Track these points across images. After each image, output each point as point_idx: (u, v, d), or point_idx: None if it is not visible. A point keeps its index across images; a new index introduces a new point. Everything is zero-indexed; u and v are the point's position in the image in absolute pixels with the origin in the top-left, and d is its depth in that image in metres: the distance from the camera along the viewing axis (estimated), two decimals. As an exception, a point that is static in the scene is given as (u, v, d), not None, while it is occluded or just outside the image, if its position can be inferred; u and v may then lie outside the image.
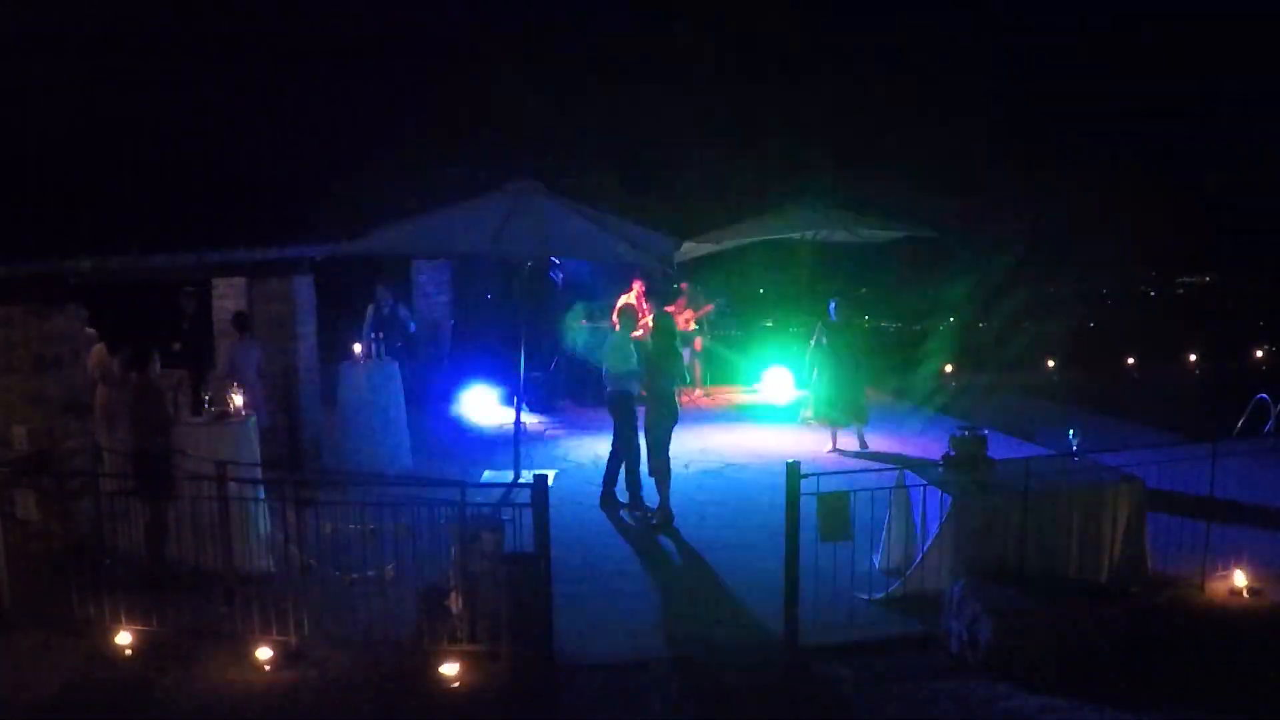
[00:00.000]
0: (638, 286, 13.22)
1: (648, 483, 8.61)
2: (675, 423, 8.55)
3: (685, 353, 14.19)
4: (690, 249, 12.54)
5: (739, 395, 14.59)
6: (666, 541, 7.99)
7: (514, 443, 9.53)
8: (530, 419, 11.71)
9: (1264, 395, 9.69)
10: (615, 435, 8.79)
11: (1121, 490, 6.71)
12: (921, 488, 6.80)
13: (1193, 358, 18.75)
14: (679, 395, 9.02)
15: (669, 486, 8.43)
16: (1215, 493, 6.71)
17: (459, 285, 15.50)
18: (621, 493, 8.81)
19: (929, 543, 6.60)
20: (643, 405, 8.71)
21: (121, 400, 7.85)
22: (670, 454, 8.47)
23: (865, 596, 6.47)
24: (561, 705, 5.39)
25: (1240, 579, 6.61)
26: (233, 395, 7.86)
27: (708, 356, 14.60)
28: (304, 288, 10.34)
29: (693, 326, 13.96)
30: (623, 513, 8.66)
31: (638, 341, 9.22)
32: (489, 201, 9.04)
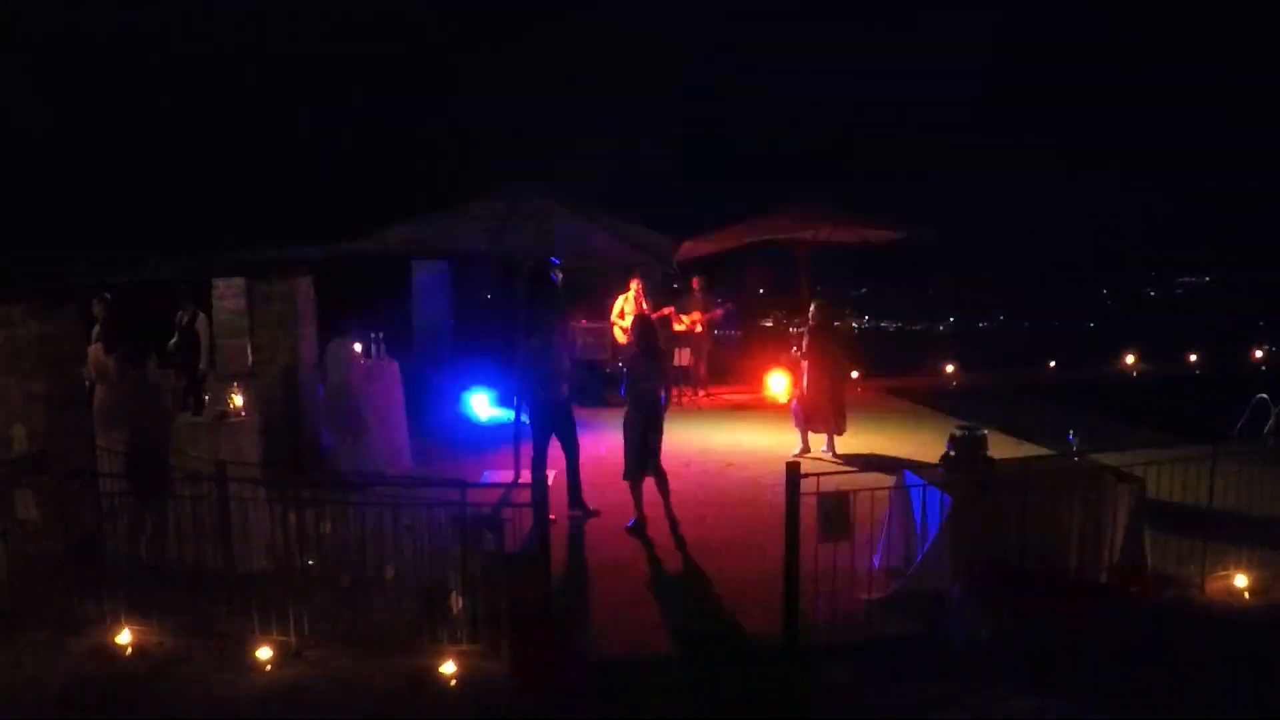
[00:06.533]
0: (635, 285, 13.22)
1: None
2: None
3: (686, 353, 14.25)
4: (690, 249, 12.55)
5: (739, 396, 14.60)
6: (666, 541, 7.98)
7: (514, 442, 9.53)
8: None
9: (1264, 395, 9.70)
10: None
11: (1121, 490, 6.71)
12: (921, 488, 6.80)
13: (1192, 358, 18.78)
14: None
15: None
16: (1215, 493, 6.71)
17: (459, 285, 15.51)
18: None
19: (929, 543, 6.60)
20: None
21: (118, 399, 7.85)
22: (663, 454, 8.39)
23: (865, 596, 6.47)
24: (561, 705, 5.39)
25: (1240, 579, 6.62)
26: (233, 395, 7.86)
27: (709, 358, 14.60)
28: (304, 288, 10.34)
29: (698, 328, 13.96)
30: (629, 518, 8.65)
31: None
32: (489, 201, 9.05)
